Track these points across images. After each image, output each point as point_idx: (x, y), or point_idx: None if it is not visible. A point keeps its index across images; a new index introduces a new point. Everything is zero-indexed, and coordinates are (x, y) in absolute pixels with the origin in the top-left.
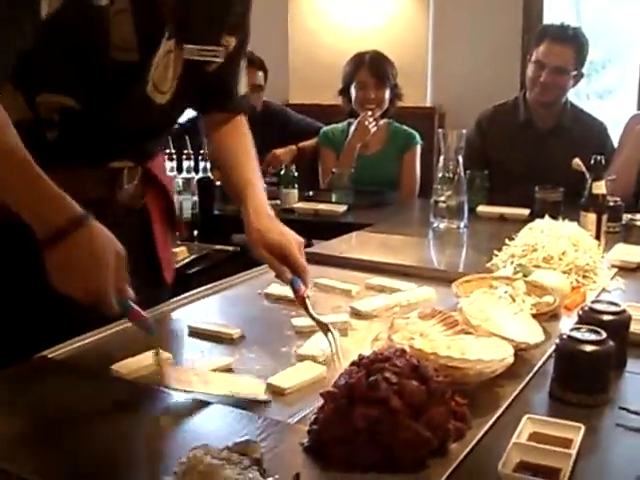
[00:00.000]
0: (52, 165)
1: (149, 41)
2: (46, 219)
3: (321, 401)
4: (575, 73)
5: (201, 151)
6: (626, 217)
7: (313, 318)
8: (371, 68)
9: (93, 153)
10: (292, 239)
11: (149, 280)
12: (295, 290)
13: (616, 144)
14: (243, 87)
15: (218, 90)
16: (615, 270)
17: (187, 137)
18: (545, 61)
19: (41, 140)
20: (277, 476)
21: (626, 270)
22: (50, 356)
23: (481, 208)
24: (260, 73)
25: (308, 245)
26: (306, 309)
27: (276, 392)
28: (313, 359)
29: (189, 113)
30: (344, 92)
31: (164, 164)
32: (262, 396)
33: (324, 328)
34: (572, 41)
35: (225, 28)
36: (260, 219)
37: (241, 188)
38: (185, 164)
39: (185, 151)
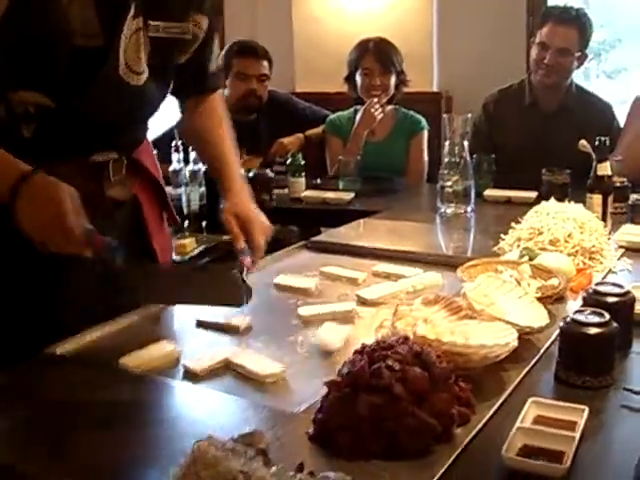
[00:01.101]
0: (32, 163)
1: (113, 22)
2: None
3: (325, 390)
4: (579, 54)
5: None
6: (633, 197)
7: (242, 280)
8: (376, 55)
9: (74, 146)
10: (257, 219)
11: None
12: (241, 255)
13: (622, 124)
14: (214, 65)
15: (193, 76)
16: (622, 251)
17: None
18: (549, 43)
19: (18, 138)
20: (281, 465)
21: (633, 251)
22: (58, 352)
23: (488, 192)
24: (265, 63)
25: (317, 233)
26: (241, 277)
27: None
28: (323, 349)
29: None
30: (349, 79)
31: (151, 152)
32: None
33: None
34: (575, 22)
35: (193, 6)
36: (237, 195)
37: (220, 166)
38: (192, 155)
39: None
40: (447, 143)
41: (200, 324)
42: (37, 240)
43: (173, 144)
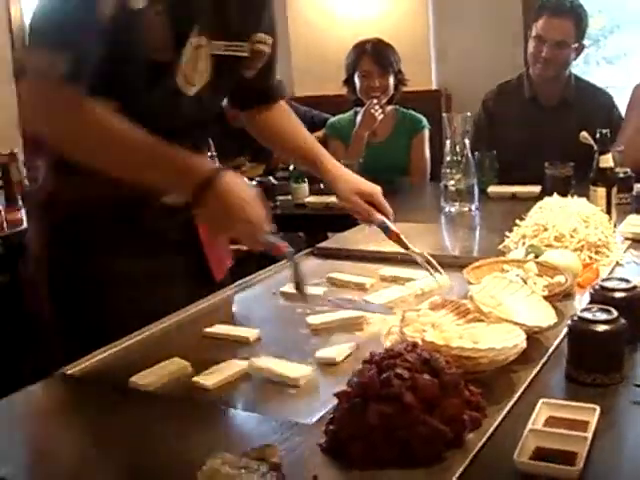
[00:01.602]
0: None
1: (180, 39)
2: (188, 179)
3: (336, 401)
4: (576, 45)
5: (208, 152)
6: (637, 187)
7: (410, 249)
8: (373, 56)
9: None
10: (375, 186)
11: (197, 279)
12: (388, 230)
13: (623, 111)
14: (276, 76)
15: (259, 90)
16: (628, 243)
17: None
18: (545, 36)
19: None
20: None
21: (639, 242)
22: (70, 372)
23: (492, 188)
24: None
25: (324, 238)
26: (403, 244)
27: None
28: (332, 362)
29: None
30: (348, 82)
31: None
32: None
33: (421, 257)
34: (570, 14)
35: (255, 26)
36: (342, 173)
37: (312, 152)
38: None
39: None
40: (448, 142)
41: (210, 337)
42: (222, 232)
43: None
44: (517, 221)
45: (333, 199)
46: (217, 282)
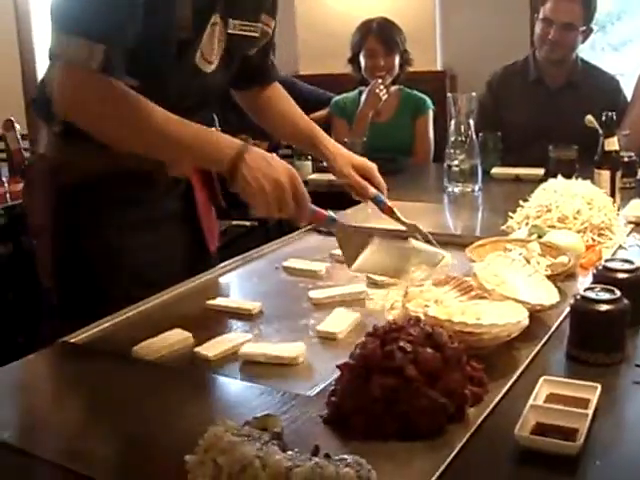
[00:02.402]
0: None
1: (201, 18)
2: (221, 155)
3: (338, 372)
4: (584, 29)
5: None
6: None
7: (403, 223)
8: (379, 35)
9: None
10: (370, 163)
11: (193, 249)
12: (381, 203)
13: (629, 98)
14: (273, 59)
15: (256, 69)
16: (631, 226)
17: None
18: (553, 18)
19: None
20: (296, 449)
21: None
22: (72, 340)
23: (495, 170)
24: None
25: None
26: (396, 217)
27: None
28: (333, 336)
29: None
30: (353, 61)
31: None
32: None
33: (412, 229)
34: None
35: (264, 8)
36: (340, 150)
37: (310, 132)
38: None
39: None
40: (453, 122)
41: (212, 309)
42: (260, 205)
43: None
44: (520, 202)
45: (334, 177)
46: (211, 252)
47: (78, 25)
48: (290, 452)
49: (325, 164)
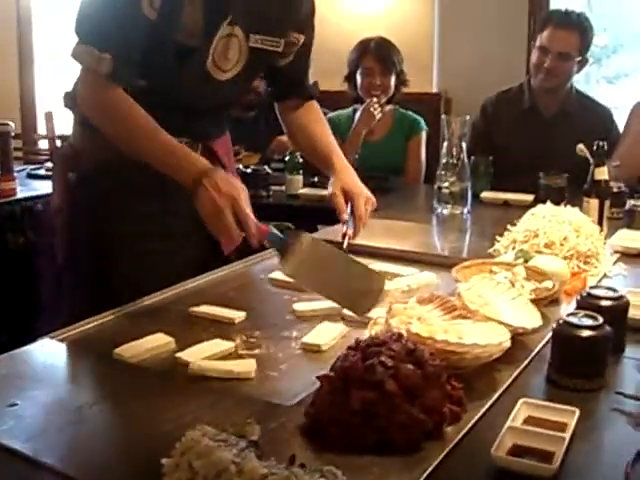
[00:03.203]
0: None
1: (211, 26)
2: (185, 174)
3: (318, 384)
4: (579, 59)
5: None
6: (630, 203)
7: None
8: (376, 54)
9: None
10: (362, 192)
11: (206, 248)
12: (345, 228)
13: (621, 130)
14: (310, 76)
15: (291, 81)
16: (617, 256)
17: None
18: (549, 47)
19: None
20: (272, 458)
21: (628, 256)
22: (56, 338)
23: (485, 194)
24: None
25: (313, 231)
26: (341, 244)
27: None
28: (317, 348)
29: None
30: (350, 79)
31: (228, 146)
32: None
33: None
34: (576, 26)
35: (291, 25)
36: (345, 174)
37: (328, 154)
38: None
39: None
40: (445, 144)
41: (196, 316)
42: (212, 228)
43: None
44: (508, 226)
45: (327, 192)
46: (225, 257)
47: (90, 35)
48: (266, 460)
49: (316, 179)
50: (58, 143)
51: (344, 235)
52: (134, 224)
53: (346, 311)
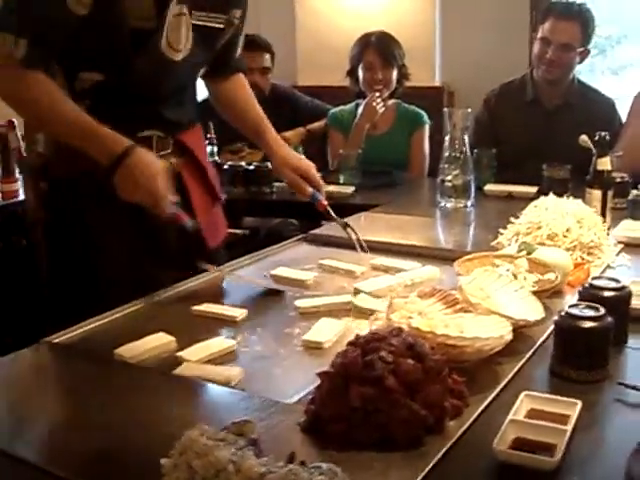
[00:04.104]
0: None
1: (162, 7)
2: (108, 151)
3: (318, 381)
4: (582, 49)
5: (207, 135)
6: (633, 193)
7: (334, 219)
8: (378, 49)
9: (122, 121)
10: (308, 162)
11: (189, 244)
12: (317, 200)
13: (624, 120)
14: (239, 50)
15: (221, 59)
16: (621, 246)
17: None
18: (551, 38)
19: None
20: (271, 456)
21: (632, 246)
22: (55, 341)
23: (489, 187)
24: (267, 56)
25: (317, 226)
26: (328, 215)
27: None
28: (318, 346)
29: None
30: (352, 73)
31: (200, 140)
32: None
33: (343, 225)
34: (577, 17)
35: (234, 1)
36: (280, 148)
37: (257, 124)
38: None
39: None
40: (447, 137)
41: (197, 315)
42: (131, 200)
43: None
44: (511, 219)
45: (330, 188)
46: (211, 249)
47: (7, 22)
48: (265, 458)
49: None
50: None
51: (323, 207)
52: (114, 226)
53: (355, 302)
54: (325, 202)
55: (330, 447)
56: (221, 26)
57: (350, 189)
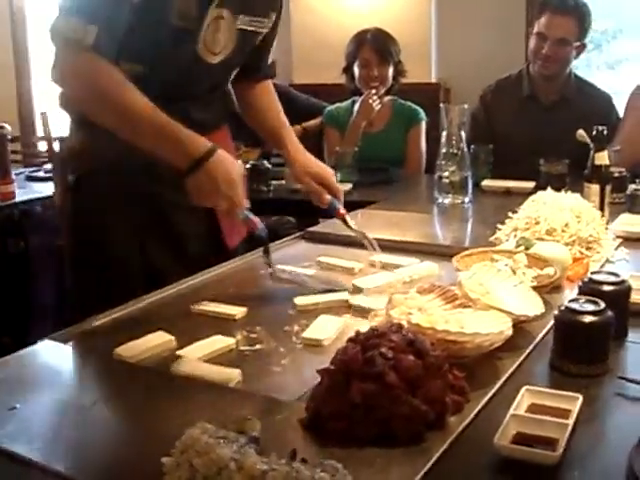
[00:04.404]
0: None
1: (203, 9)
2: (186, 153)
3: (319, 378)
4: (578, 44)
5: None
6: (631, 187)
7: (353, 229)
8: (373, 46)
9: None
10: (328, 169)
11: (208, 243)
12: (335, 209)
13: (622, 115)
14: (271, 56)
15: (253, 63)
16: (619, 241)
17: None
18: (547, 33)
19: None
20: (273, 453)
21: (631, 240)
22: (55, 340)
23: (486, 182)
24: None
25: (314, 224)
26: (346, 224)
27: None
28: (318, 343)
29: None
30: (347, 71)
31: (226, 142)
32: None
33: (362, 235)
34: (573, 12)
35: (272, 4)
36: (299, 154)
37: (277, 130)
38: None
39: None
40: (444, 133)
41: (197, 313)
42: (204, 204)
43: None
44: (509, 214)
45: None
46: (230, 249)
47: (75, 7)
48: (267, 456)
49: None
50: (56, 144)
51: (341, 215)
52: (134, 223)
53: (352, 300)
54: (343, 211)
55: (331, 444)
56: (264, 30)
57: (347, 186)
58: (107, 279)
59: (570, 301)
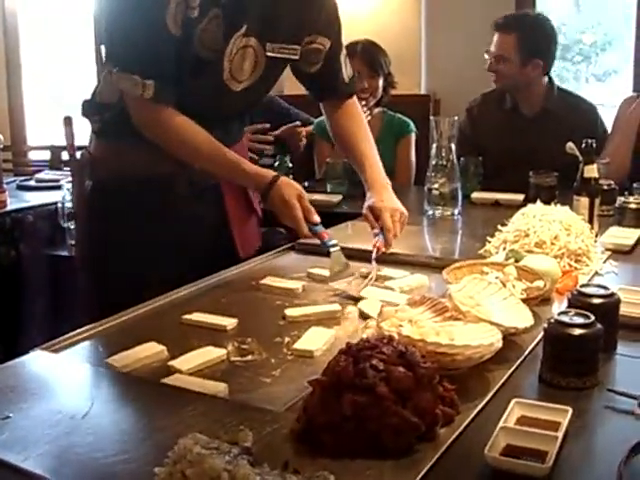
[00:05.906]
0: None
1: (228, 39)
2: (255, 187)
3: (310, 389)
4: (522, 60)
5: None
6: (620, 200)
7: (370, 262)
8: (363, 57)
9: None
10: (387, 206)
11: (220, 254)
12: (377, 240)
13: (609, 126)
14: (347, 75)
15: (325, 84)
16: (608, 253)
17: None
18: (490, 49)
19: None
20: (265, 464)
21: (620, 253)
22: (47, 350)
23: (476, 194)
24: None
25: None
26: (371, 253)
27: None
28: (309, 354)
29: None
30: None
31: (243, 153)
32: None
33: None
34: (513, 28)
35: (310, 31)
36: (376, 190)
37: (361, 160)
38: None
39: None
40: (434, 146)
41: (188, 324)
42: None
43: None
44: (499, 226)
45: (317, 197)
46: (242, 259)
47: (129, 63)
48: (259, 467)
49: (307, 184)
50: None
51: (375, 246)
52: (148, 232)
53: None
54: (383, 247)
55: (323, 455)
56: (296, 57)
57: (337, 198)
58: (119, 288)
59: (560, 314)
